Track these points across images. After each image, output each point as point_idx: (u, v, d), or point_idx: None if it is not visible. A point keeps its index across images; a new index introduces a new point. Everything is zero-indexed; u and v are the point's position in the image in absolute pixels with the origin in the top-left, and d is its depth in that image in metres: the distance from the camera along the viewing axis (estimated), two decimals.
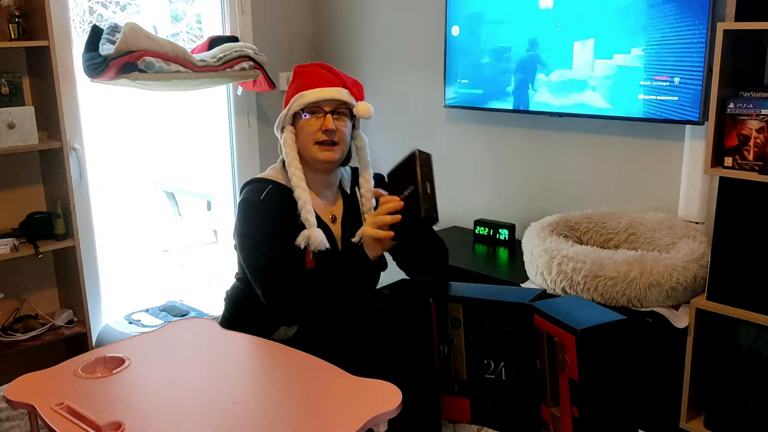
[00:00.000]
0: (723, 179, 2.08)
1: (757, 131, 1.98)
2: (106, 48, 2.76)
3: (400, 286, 1.77)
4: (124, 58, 2.75)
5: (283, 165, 1.86)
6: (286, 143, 1.81)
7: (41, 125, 2.74)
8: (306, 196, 1.75)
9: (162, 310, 3.14)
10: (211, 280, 4.65)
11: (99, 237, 3.17)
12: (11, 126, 2.62)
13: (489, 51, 2.92)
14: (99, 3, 5.42)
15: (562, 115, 2.74)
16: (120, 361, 1.51)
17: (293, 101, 1.80)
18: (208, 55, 3.10)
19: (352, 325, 1.69)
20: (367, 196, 1.85)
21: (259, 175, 1.86)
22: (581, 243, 2.57)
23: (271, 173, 1.85)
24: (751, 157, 2.00)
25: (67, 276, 2.96)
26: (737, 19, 2.01)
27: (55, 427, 1.27)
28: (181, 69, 2.94)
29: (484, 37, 2.93)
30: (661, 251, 2.36)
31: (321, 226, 1.76)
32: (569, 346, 1.45)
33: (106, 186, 5.04)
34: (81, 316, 2.93)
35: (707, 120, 2.10)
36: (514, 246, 2.91)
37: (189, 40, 5.20)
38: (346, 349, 1.64)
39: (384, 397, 1.33)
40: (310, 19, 3.75)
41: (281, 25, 3.61)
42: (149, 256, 5.18)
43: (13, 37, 2.64)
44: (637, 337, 2.13)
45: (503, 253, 2.89)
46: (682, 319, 2.18)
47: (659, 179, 2.62)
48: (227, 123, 3.55)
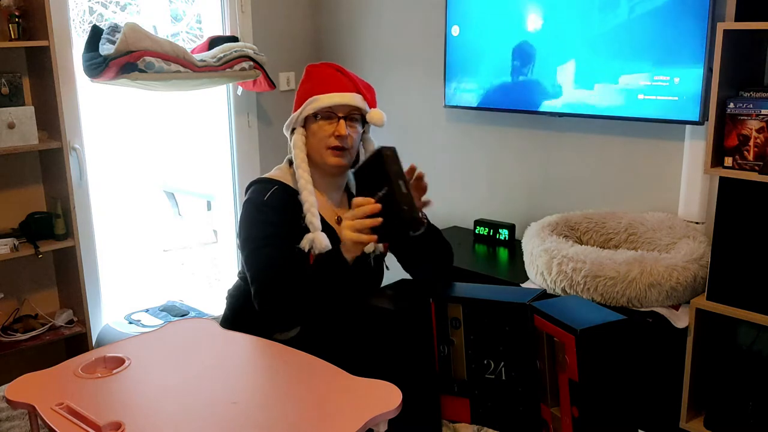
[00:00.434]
0: (723, 179, 2.08)
1: (757, 131, 1.98)
2: (106, 48, 2.76)
3: (400, 286, 1.76)
4: (124, 58, 2.75)
5: (289, 165, 1.86)
6: (296, 145, 1.80)
7: (41, 125, 2.74)
8: (312, 200, 1.74)
9: (162, 310, 3.14)
10: (211, 280, 4.66)
11: (99, 237, 3.17)
12: (11, 126, 2.62)
13: (489, 51, 2.92)
14: (99, 3, 5.42)
15: (562, 115, 2.74)
16: (120, 361, 1.51)
17: (306, 104, 1.78)
18: (208, 55, 3.10)
19: (353, 325, 1.69)
20: None
21: (265, 175, 1.85)
22: (581, 243, 2.57)
23: (277, 173, 1.84)
24: (751, 157, 2.00)
25: (67, 276, 2.96)
26: (737, 19, 2.01)
27: (55, 427, 1.27)
28: (181, 69, 2.94)
29: (484, 37, 2.93)
30: (661, 251, 2.36)
31: (326, 229, 1.75)
32: (569, 346, 1.45)
33: (106, 186, 5.05)
34: (81, 316, 2.93)
35: (707, 120, 2.10)
36: (514, 246, 2.91)
37: (189, 40, 5.20)
38: (347, 349, 1.63)
39: (384, 397, 1.33)
40: (310, 19, 3.75)
41: (281, 25, 3.61)
42: (149, 256, 5.18)
43: (13, 37, 2.64)
44: (637, 337, 2.14)
45: (503, 253, 2.89)
46: (682, 319, 2.18)
47: (659, 179, 2.62)
48: (227, 123, 3.55)
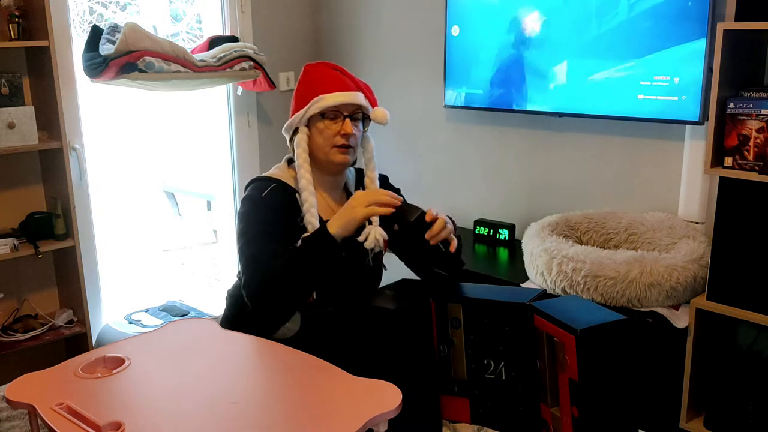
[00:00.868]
0: (723, 179, 2.08)
1: (757, 131, 1.98)
2: (106, 48, 2.76)
3: (400, 286, 1.76)
4: (124, 58, 2.75)
5: (288, 164, 1.86)
6: (299, 145, 1.80)
7: (41, 125, 2.74)
8: (312, 200, 1.75)
9: (162, 310, 3.14)
10: (211, 280, 4.66)
11: (99, 237, 3.17)
12: (11, 126, 2.62)
13: (489, 51, 2.92)
14: (99, 3, 5.42)
15: (562, 115, 2.74)
16: (120, 361, 1.51)
17: (312, 103, 1.78)
18: (208, 55, 3.10)
19: (353, 325, 1.69)
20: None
21: (264, 174, 1.86)
22: (581, 243, 2.57)
23: (276, 172, 1.85)
24: (751, 157, 2.00)
25: (67, 276, 2.96)
26: (737, 19, 2.01)
27: (55, 427, 1.27)
28: (181, 69, 2.94)
29: (484, 37, 2.93)
30: (661, 251, 2.36)
31: None
32: (569, 346, 1.45)
33: (106, 186, 5.05)
34: (81, 316, 2.93)
35: (707, 120, 2.10)
36: (514, 246, 2.91)
37: (189, 40, 5.20)
38: (347, 349, 1.64)
39: (384, 397, 1.33)
40: (310, 19, 3.75)
41: (281, 25, 3.61)
42: (149, 256, 5.18)
43: (13, 37, 2.64)
44: (637, 337, 2.14)
45: (503, 253, 2.89)
46: (682, 319, 2.18)
47: (659, 179, 2.62)
48: (227, 123, 3.55)
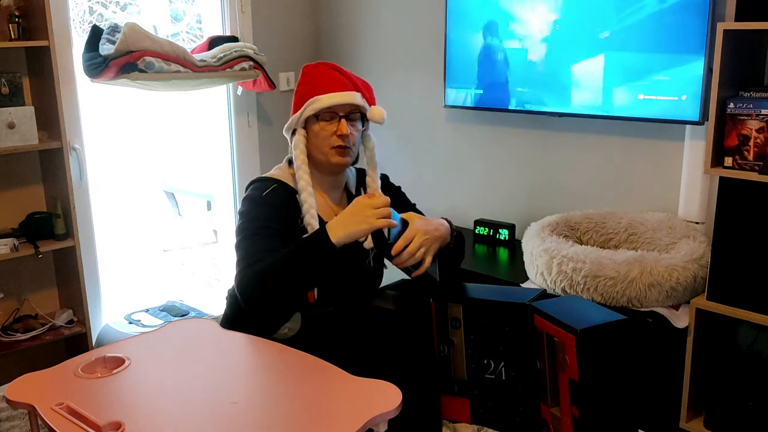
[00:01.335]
0: (723, 179, 2.08)
1: (757, 131, 1.98)
2: (106, 48, 2.76)
3: (401, 286, 1.76)
4: (124, 58, 2.75)
5: (288, 165, 1.86)
6: (297, 146, 1.80)
7: (41, 125, 2.74)
8: (311, 201, 1.75)
9: (162, 310, 3.14)
10: (211, 280, 4.66)
11: (99, 237, 3.17)
12: (11, 126, 2.62)
13: (489, 51, 2.92)
14: (99, 3, 5.42)
15: (562, 115, 2.74)
16: (120, 361, 1.51)
17: (307, 105, 1.78)
18: (208, 55, 3.10)
19: (353, 325, 1.69)
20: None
21: (265, 175, 1.86)
22: (581, 243, 2.57)
23: (277, 173, 1.85)
24: (751, 157, 2.00)
25: (67, 276, 2.96)
26: (737, 19, 2.01)
27: (55, 427, 1.27)
28: (181, 69, 2.94)
29: (484, 37, 2.93)
30: (661, 251, 2.36)
31: None
32: (569, 346, 1.45)
33: (106, 186, 5.05)
34: (81, 316, 2.93)
35: (707, 120, 2.10)
36: (514, 246, 2.91)
37: (189, 40, 5.20)
38: (347, 349, 1.64)
39: (384, 397, 1.33)
40: (310, 19, 3.75)
41: (281, 25, 3.61)
42: (149, 256, 5.18)
43: (13, 37, 2.64)
44: (637, 337, 2.14)
45: (503, 253, 2.89)
46: (682, 319, 2.18)
47: (659, 179, 2.62)
48: (227, 123, 3.55)
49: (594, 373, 1.46)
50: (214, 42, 3.22)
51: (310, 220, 1.73)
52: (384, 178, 1.98)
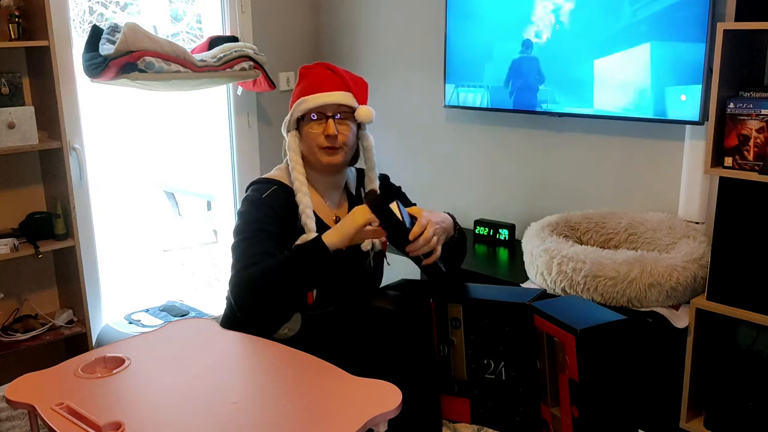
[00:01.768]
0: (723, 179, 2.08)
1: (757, 131, 1.98)
2: (106, 48, 2.76)
3: (401, 286, 1.76)
4: (124, 58, 2.75)
5: (288, 165, 1.86)
6: (290, 147, 1.80)
7: (41, 125, 2.74)
8: (307, 201, 1.75)
9: (162, 310, 3.14)
10: (211, 280, 4.66)
11: (99, 237, 3.17)
12: (11, 126, 2.62)
13: (489, 51, 2.92)
14: (99, 3, 5.42)
15: (562, 115, 2.74)
16: (120, 361, 1.51)
17: (295, 106, 1.80)
18: (208, 55, 3.10)
19: (353, 325, 1.69)
20: None
21: (265, 176, 1.86)
22: (581, 243, 2.57)
23: (277, 173, 1.85)
24: (751, 157, 2.00)
25: (67, 276, 2.96)
26: (737, 19, 2.01)
27: (55, 427, 1.27)
28: (181, 69, 2.94)
29: (485, 36, 2.93)
30: (661, 251, 2.36)
31: (322, 230, 1.75)
32: (569, 346, 1.45)
33: (106, 186, 5.05)
34: (81, 316, 2.93)
35: (707, 120, 2.10)
36: (514, 246, 2.91)
37: (189, 40, 5.20)
38: (347, 349, 1.64)
39: (384, 397, 1.33)
40: (310, 19, 3.75)
41: (281, 25, 3.61)
42: (149, 256, 5.18)
43: (13, 37, 2.64)
44: (637, 337, 2.13)
45: (503, 253, 2.89)
46: (682, 319, 2.18)
47: (659, 179, 2.62)
48: (227, 123, 3.55)
49: (594, 373, 1.45)
50: (214, 42, 3.22)
51: (307, 221, 1.73)
52: (384, 179, 1.98)
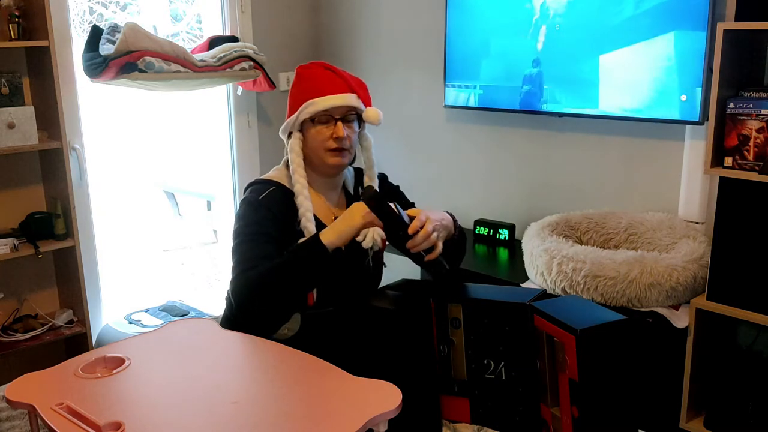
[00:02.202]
0: (723, 179, 2.08)
1: (757, 131, 1.98)
2: (106, 48, 2.76)
3: (401, 286, 1.76)
4: (124, 58, 2.75)
5: (286, 166, 1.86)
6: (293, 150, 1.80)
7: (41, 125, 2.74)
8: (308, 204, 1.75)
9: (162, 310, 3.14)
10: (211, 280, 4.66)
11: (99, 237, 3.17)
12: (11, 126, 2.62)
13: (489, 51, 2.92)
14: (99, 3, 5.42)
15: (562, 115, 2.74)
16: (120, 361, 1.51)
17: (302, 109, 1.78)
18: (208, 55, 3.10)
19: (353, 325, 1.69)
20: None
21: (263, 177, 1.86)
22: (581, 243, 2.57)
23: (275, 174, 1.85)
24: (751, 157, 2.00)
25: (67, 276, 2.96)
26: (737, 19, 2.01)
27: (55, 427, 1.27)
28: (181, 69, 2.94)
29: (484, 36, 2.93)
30: (661, 251, 2.36)
31: (322, 230, 1.75)
32: (569, 346, 1.45)
33: (106, 186, 5.05)
34: (81, 316, 2.93)
35: (707, 120, 2.10)
36: (514, 246, 2.91)
37: (189, 40, 5.20)
38: (347, 349, 1.64)
39: (384, 397, 1.33)
40: (310, 19, 3.75)
41: (281, 25, 3.61)
42: (149, 256, 5.18)
43: (13, 37, 2.64)
44: (637, 337, 2.13)
45: (503, 253, 2.89)
46: (682, 319, 2.18)
47: (659, 179, 2.62)
48: (227, 123, 3.54)
49: (594, 373, 1.45)
50: (214, 42, 3.22)
51: (307, 224, 1.73)
52: (383, 178, 1.98)
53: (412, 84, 3.39)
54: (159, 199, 5.87)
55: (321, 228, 1.75)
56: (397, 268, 1.97)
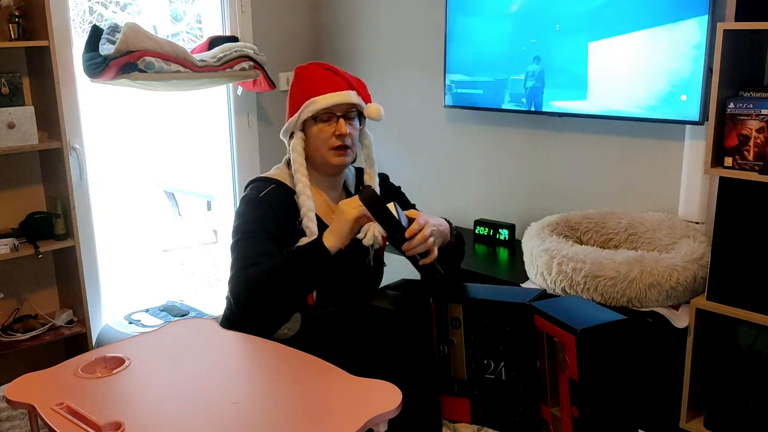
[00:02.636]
0: (723, 179, 2.08)
1: (757, 131, 1.98)
2: (106, 48, 2.76)
3: (401, 286, 1.76)
4: (124, 58, 2.75)
5: (287, 165, 1.86)
6: (296, 149, 1.80)
7: (41, 125, 2.74)
8: (310, 204, 1.75)
9: (162, 310, 3.14)
10: (211, 280, 4.66)
11: (99, 237, 3.17)
12: (11, 126, 2.62)
13: (489, 51, 2.92)
14: (99, 3, 5.42)
15: (562, 115, 2.74)
16: (120, 361, 1.51)
17: (304, 108, 1.78)
18: (208, 55, 3.10)
19: (353, 325, 1.69)
20: None
21: (264, 175, 1.86)
22: (581, 243, 2.57)
23: (276, 172, 1.85)
24: (751, 157, 2.00)
25: (67, 276, 2.96)
26: (737, 19, 2.01)
27: (55, 427, 1.27)
28: (181, 69, 2.94)
29: (485, 36, 2.93)
30: (661, 251, 2.36)
31: (323, 230, 1.75)
32: (569, 346, 1.45)
33: (106, 186, 5.05)
34: (81, 316, 2.93)
35: (707, 120, 2.10)
36: (514, 246, 2.91)
37: (189, 40, 5.20)
38: (347, 349, 1.64)
39: (384, 397, 1.33)
40: (310, 19, 3.75)
41: (281, 25, 3.61)
42: (149, 256, 5.18)
43: (13, 37, 2.64)
44: (637, 337, 2.13)
45: (503, 253, 2.89)
46: (682, 319, 2.18)
47: (659, 179, 2.62)
48: (227, 123, 3.55)
49: (594, 373, 1.46)
50: (214, 42, 3.22)
51: (308, 223, 1.73)
52: (384, 178, 1.98)
53: (412, 84, 3.39)
54: (159, 199, 5.87)
55: (322, 227, 1.75)
56: (397, 268, 1.97)
